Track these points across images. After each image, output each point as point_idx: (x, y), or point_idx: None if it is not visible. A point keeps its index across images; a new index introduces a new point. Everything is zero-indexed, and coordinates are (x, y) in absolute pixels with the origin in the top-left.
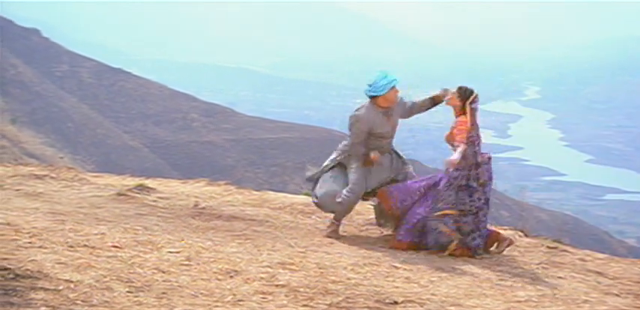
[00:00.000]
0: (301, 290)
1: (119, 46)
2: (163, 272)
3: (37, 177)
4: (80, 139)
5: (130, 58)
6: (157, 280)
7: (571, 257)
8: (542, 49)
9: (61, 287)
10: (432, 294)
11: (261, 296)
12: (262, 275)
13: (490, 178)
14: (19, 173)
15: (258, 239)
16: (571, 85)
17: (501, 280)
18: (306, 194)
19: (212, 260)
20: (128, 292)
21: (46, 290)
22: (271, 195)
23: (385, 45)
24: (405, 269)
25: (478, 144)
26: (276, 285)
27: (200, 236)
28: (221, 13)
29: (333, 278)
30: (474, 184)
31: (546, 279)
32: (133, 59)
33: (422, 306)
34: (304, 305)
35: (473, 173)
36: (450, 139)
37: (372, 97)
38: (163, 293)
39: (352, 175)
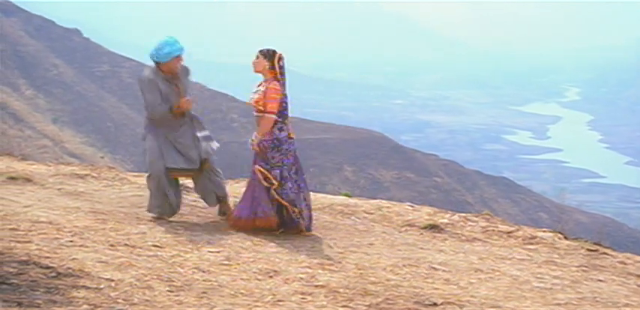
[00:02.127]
0: (340, 290)
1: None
2: (203, 272)
3: (79, 176)
4: (120, 139)
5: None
6: (197, 279)
7: (611, 260)
8: (582, 49)
9: (102, 286)
10: (472, 296)
11: (301, 296)
12: (302, 276)
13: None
14: (61, 172)
15: (297, 240)
16: (611, 87)
17: (541, 282)
18: (345, 195)
19: (252, 260)
20: (169, 291)
21: (87, 288)
22: (310, 195)
23: (422, 45)
24: (444, 271)
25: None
26: (316, 286)
27: (239, 236)
28: (261, 13)
29: (372, 279)
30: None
31: (586, 282)
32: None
33: (461, 308)
34: (344, 306)
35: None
36: (258, 105)
37: (156, 63)
38: (203, 292)
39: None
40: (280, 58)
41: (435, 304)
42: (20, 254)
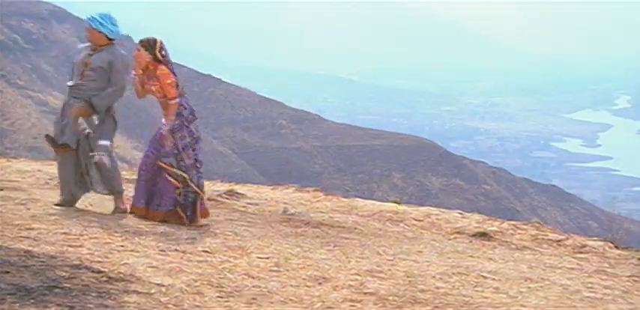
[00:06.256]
0: (390, 298)
1: (213, 53)
2: (253, 278)
3: (129, 181)
4: None
5: (223, 64)
6: (247, 285)
7: None
8: (634, 56)
9: (153, 291)
10: (521, 305)
11: (350, 303)
12: (351, 283)
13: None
14: None
15: (346, 247)
16: None
17: (592, 292)
18: (394, 202)
19: (301, 266)
20: (219, 297)
21: (138, 293)
22: (359, 202)
23: (473, 51)
24: (493, 279)
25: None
26: (365, 293)
27: (289, 243)
28: (315, 20)
29: (421, 286)
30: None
31: (638, 292)
32: (226, 66)
33: None
34: None
35: (192, 127)
36: (160, 94)
37: None
38: (253, 298)
39: None
40: (162, 48)
41: None
42: (72, 259)
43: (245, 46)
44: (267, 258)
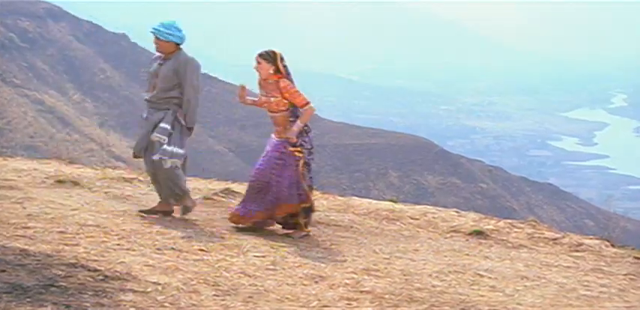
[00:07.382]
0: (386, 296)
1: (213, 53)
2: (249, 276)
3: (126, 180)
4: None
5: (223, 64)
6: (244, 284)
7: None
8: (632, 56)
9: (149, 290)
10: (518, 304)
11: (346, 302)
12: (347, 281)
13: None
14: (108, 176)
15: (342, 245)
16: None
17: (588, 290)
18: (391, 200)
19: (297, 265)
20: (215, 295)
21: (134, 292)
22: (356, 200)
23: (473, 51)
24: (490, 278)
25: None
26: (361, 291)
27: (285, 241)
28: (315, 20)
29: (417, 285)
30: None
31: (634, 290)
32: (226, 66)
33: None
34: None
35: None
36: (278, 107)
37: None
38: (249, 297)
39: None
40: (282, 58)
41: None
42: (68, 257)
43: (245, 46)
44: (263, 257)
